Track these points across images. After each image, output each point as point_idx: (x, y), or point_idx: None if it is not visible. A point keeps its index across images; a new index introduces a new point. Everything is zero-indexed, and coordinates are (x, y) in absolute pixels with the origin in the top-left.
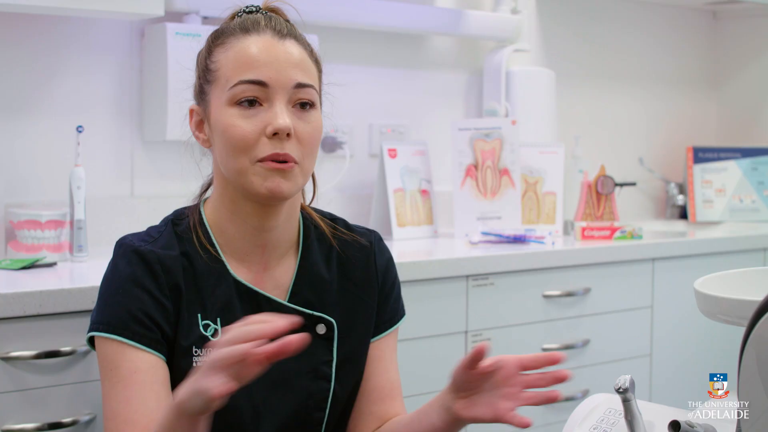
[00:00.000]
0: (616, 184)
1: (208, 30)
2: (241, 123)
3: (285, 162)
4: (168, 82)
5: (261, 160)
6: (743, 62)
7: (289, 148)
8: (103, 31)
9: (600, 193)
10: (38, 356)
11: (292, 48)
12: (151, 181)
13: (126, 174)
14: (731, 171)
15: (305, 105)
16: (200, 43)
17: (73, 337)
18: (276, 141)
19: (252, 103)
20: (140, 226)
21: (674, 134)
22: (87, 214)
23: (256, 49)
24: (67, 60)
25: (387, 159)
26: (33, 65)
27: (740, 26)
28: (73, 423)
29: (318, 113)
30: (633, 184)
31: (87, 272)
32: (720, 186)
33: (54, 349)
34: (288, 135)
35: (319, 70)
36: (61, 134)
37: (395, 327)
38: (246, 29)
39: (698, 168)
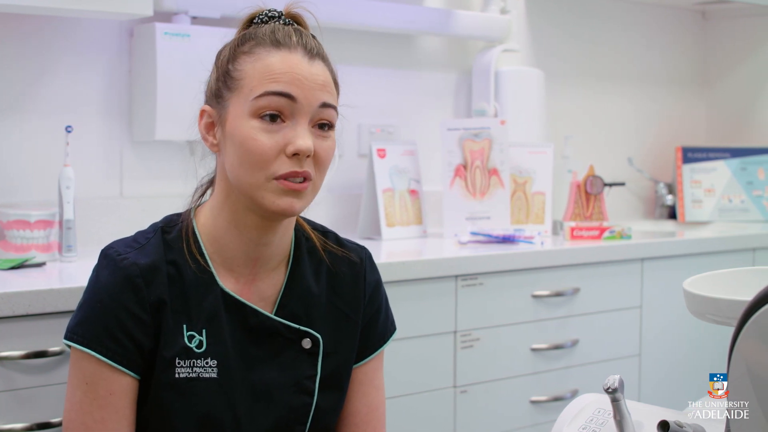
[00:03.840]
0: (605, 184)
1: (197, 30)
2: (262, 137)
3: (303, 181)
4: (157, 82)
5: (277, 178)
6: (732, 62)
7: (307, 166)
8: (92, 31)
9: (589, 193)
10: (27, 356)
11: (319, 69)
12: (141, 181)
13: (115, 174)
14: (720, 171)
15: (324, 126)
16: (222, 41)
17: (61, 337)
18: (295, 160)
19: (274, 118)
20: (129, 226)
21: (663, 134)
22: (76, 214)
23: (287, 65)
24: (56, 60)
25: (376, 159)
26: (22, 65)
27: (729, 26)
28: (62, 423)
29: (334, 134)
30: (622, 184)
31: (76, 272)
32: (709, 186)
33: (43, 349)
34: (308, 156)
35: (338, 92)
36: (50, 134)
37: (380, 350)
38: (277, 42)
39: (687, 168)
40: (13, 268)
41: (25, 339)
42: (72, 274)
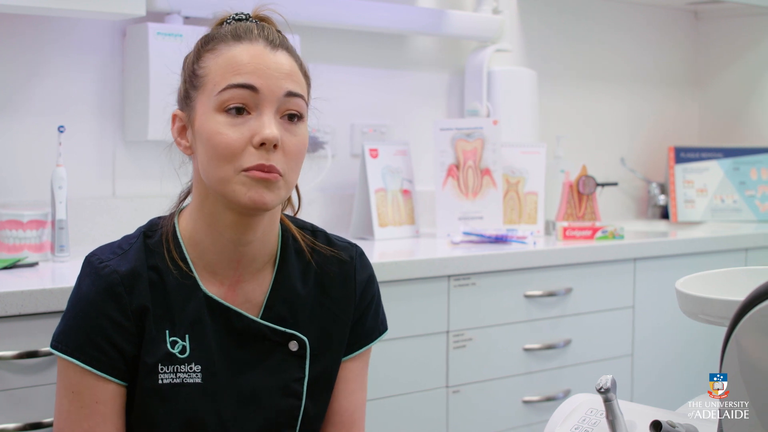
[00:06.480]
0: (598, 184)
1: (190, 30)
2: (228, 131)
3: (270, 172)
4: (149, 82)
5: (245, 170)
6: (725, 62)
7: (275, 160)
8: (85, 31)
9: (581, 193)
10: (19, 356)
11: (283, 59)
12: (133, 181)
13: (108, 174)
14: (713, 171)
15: (293, 117)
16: (187, 46)
17: None
18: (262, 151)
19: (240, 111)
20: (122, 226)
21: (656, 134)
22: (69, 214)
23: (248, 56)
24: (49, 60)
25: (368, 159)
26: (14, 65)
27: (722, 26)
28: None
29: (305, 126)
30: (614, 184)
31: (68, 272)
32: (701, 186)
33: (35, 349)
34: (275, 146)
35: (308, 84)
36: (42, 134)
37: (369, 347)
38: (238, 36)
39: (680, 168)
40: (5, 268)
41: (18, 339)
42: (64, 274)
